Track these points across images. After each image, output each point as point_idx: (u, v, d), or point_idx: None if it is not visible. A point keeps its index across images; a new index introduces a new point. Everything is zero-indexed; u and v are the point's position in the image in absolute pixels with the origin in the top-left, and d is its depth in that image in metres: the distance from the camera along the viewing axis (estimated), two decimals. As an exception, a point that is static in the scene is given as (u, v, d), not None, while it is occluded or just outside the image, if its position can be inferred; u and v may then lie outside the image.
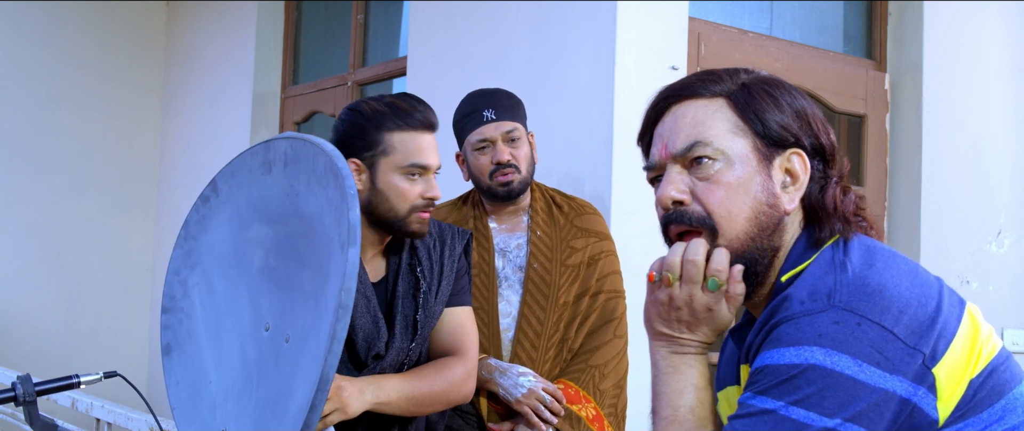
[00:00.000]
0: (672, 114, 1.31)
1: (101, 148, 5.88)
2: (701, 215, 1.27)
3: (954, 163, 4.20)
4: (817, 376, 1.11)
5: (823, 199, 1.29)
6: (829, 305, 1.15)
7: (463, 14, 3.98)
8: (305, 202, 1.62)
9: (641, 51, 3.35)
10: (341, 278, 1.44)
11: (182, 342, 1.81)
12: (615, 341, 2.58)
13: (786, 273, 1.26)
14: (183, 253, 1.84)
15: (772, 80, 1.32)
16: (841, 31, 4.32)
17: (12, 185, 5.62)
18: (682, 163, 1.29)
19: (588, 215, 2.67)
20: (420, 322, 2.10)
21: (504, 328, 2.55)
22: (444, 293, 2.16)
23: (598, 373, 2.54)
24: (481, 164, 2.56)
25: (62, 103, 5.75)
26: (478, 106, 2.57)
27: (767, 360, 1.16)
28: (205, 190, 1.83)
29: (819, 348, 1.12)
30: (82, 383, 1.59)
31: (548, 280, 2.55)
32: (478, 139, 2.55)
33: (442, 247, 2.18)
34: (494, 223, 2.63)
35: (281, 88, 5.44)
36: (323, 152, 1.58)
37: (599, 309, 2.59)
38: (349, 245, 1.45)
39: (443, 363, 2.12)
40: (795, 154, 1.28)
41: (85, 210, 5.81)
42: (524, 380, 2.43)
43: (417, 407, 2.03)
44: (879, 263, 1.21)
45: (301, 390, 1.47)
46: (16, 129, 5.64)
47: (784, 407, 1.12)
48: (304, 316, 1.56)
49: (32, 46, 5.69)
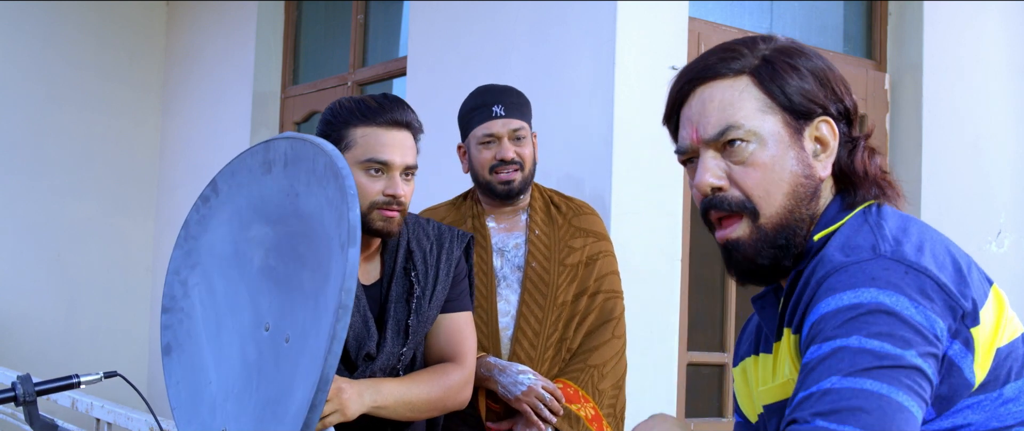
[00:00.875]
0: (698, 97, 1.30)
1: (101, 148, 5.88)
2: (740, 200, 1.27)
3: (954, 163, 4.20)
4: (882, 312, 1.10)
5: (853, 163, 1.30)
6: (875, 255, 1.15)
7: (463, 14, 3.98)
8: (305, 202, 1.62)
9: (641, 51, 3.35)
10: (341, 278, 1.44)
11: (182, 342, 1.81)
12: (614, 341, 2.58)
13: (819, 233, 1.27)
14: (183, 253, 1.84)
15: (791, 49, 1.32)
16: (841, 31, 4.32)
17: (12, 185, 5.62)
18: (715, 147, 1.28)
19: (586, 215, 2.68)
20: (412, 327, 2.10)
21: (503, 327, 2.54)
22: (439, 298, 2.15)
23: (597, 373, 2.54)
24: (483, 158, 2.55)
25: (62, 103, 5.75)
26: (488, 101, 2.57)
27: (825, 308, 1.14)
28: (205, 190, 1.83)
29: (877, 289, 1.11)
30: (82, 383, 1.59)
31: (546, 279, 2.55)
32: (484, 133, 2.55)
33: (439, 251, 2.17)
34: (492, 222, 2.62)
35: (281, 88, 5.44)
36: (323, 152, 1.58)
37: (598, 309, 2.58)
38: (349, 245, 1.45)
39: (441, 369, 2.12)
40: (823, 122, 1.29)
41: (85, 210, 5.81)
42: (523, 378, 2.43)
43: (413, 413, 2.04)
44: (913, 230, 1.23)
45: (301, 390, 1.47)
46: (16, 129, 5.64)
47: (859, 340, 1.09)
48: (304, 316, 1.56)
49: (32, 46, 5.69)
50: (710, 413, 3.84)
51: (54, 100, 5.73)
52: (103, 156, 5.88)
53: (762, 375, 1.37)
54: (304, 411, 1.43)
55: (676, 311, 3.47)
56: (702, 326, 3.82)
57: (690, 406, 3.73)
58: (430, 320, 2.14)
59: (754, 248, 1.27)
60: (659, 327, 3.40)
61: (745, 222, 1.27)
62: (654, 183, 3.39)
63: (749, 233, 1.27)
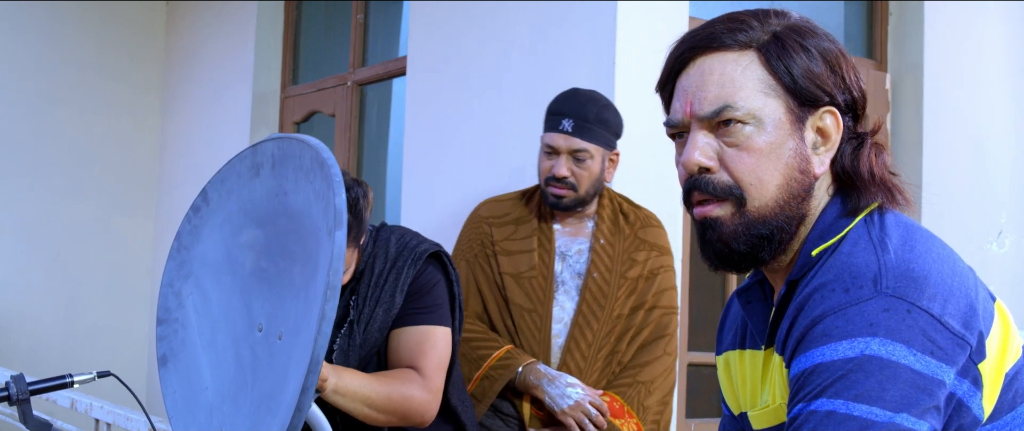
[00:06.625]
0: (697, 67, 1.21)
1: (101, 148, 5.87)
2: (727, 184, 1.18)
3: (954, 163, 4.20)
4: (875, 367, 1.03)
5: (857, 163, 1.19)
6: (876, 292, 1.07)
7: (463, 14, 3.97)
8: (293, 199, 1.62)
9: (641, 51, 3.35)
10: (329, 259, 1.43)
11: (177, 352, 1.80)
12: (664, 358, 2.56)
13: (816, 246, 1.17)
14: (176, 265, 1.83)
15: (804, 27, 1.23)
16: (841, 31, 4.32)
17: (12, 185, 5.62)
18: (708, 126, 1.19)
19: (653, 228, 2.65)
20: (334, 353, 2.09)
21: (555, 334, 2.52)
22: (381, 319, 2.10)
23: (644, 389, 2.52)
24: (543, 167, 2.59)
25: (62, 103, 5.75)
26: (563, 111, 2.55)
27: (818, 358, 1.07)
28: (196, 200, 1.82)
29: (873, 338, 1.04)
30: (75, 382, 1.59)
31: (606, 291, 2.53)
32: (547, 143, 2.56)
33: (390, 271, 2.13)
34: (557, 225, 2.61)
35: (281, 88, 5.43)
36: (309, 147, 1.57)
37: (653, 324, 2.56)
38: (335, 228, 1.43)
39: (405, 374, 2.06)
40: (828, 112, 1.19)
41: (85, 210, 5.81)
42: (572, 391, 2.42)
43: (368, 409, 1.98)
44: (919, 245, 1.13)
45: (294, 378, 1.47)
46: (15, 129, 5.63)
47: (845, 405, 1.03)
48: (295, 310, 1.55)
49: (32, 46, 5.69)
50: (710, 413, 3.83)
51: (54, 100, 5.73)
52: (103, 156, 5.88)
53: (750, 377, 1.31)
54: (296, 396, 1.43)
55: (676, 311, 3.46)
56: (702, 326, 3.81)
57: (690, 406, 3.72)
58: (370, 344, 2.11)
59: (732, 232, 1.18)
60: (659, 327, 3.40)
61: (728, 205, 1.18)
62: (654, 183, 3.38)
63: (730, 216, 1.18)
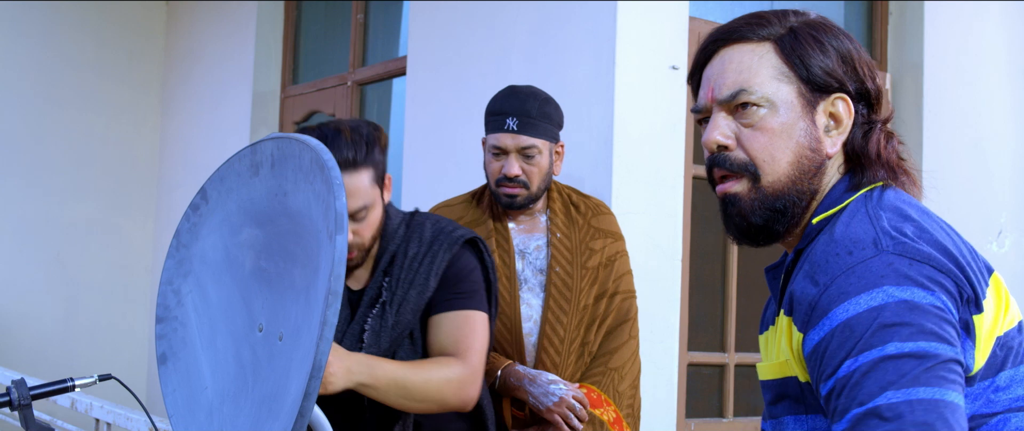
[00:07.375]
0: (720, 58, 1.33)
1: (101, 148, 5.87)
2: (743, 161, 1.30)
3: (954, 163, 4.20)
4: (904, 308, 1.10)
5: (866, 145, 1.31)
6: (878, 251, 1.15)
7: (463, 14, 3.97)
8: (293, 199, 1.61)
9: (641, 51, 3.35)
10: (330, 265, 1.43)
11: (177, 351, 1.80)
12: (630, 342, 2.57)
13: (819, 215, 1.28)
14: (175, 263, 1.82)
15: (820, 24, 1.34)
16: (841, 31, 4.32)
17: (12, 185, 5.62)
18: (727, 109, 1.31)
19: (603, 215, 2.65)
20: (367, 332, 2.07)
21: (526, 332, 2.52)
22: (414, 302, 2.09)
23: (617, 375, 2.53)
24: (492, 168, 2.53)
25: (62, 103, 5.75)
26: (506, 110, 2.51)
27: (842, 315, 1.12)
28: (195, 198, 1.81)
29: (889, 286, 1.12)
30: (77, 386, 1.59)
31: (570, 284, 2.52)
32: (493, 144, 2.52)
33: (425, 255, 2.12)
34: (512, 223, 2.59)
35: (281, 88, 5.43)
36: (309, 147, 1.57)
37: (615, 310, 2.57)
38: (337, 232, 1.44)
39: (442, 361, 2.05)
40: (839, 99, 1.30)
41: (85, 210, 5.81)
42: (554, 388, 2.41)
43: (406, 398, 1.95)
44: (914, 215, 1.23)
45: (296, 382, 1.47)
46: (15, 129, 5.63)
47: (897, 346, 1.08)
48: (296, 312, 1.55)
49: (32, 46, 5.68)
50: (710, 413, 3.83)
51: (54, 100, 5.73)
52: (103, 156, 5.88)
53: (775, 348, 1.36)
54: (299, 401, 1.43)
55: (676, 311, 3.46)
56: (702, 326, 3.81)
57: (690, 406, 3.73)
58: (402, 326, 2.09)
59: (750, 206, 1.30)
60: (659, 327, 3.40)
61: (745, 181, 1.30)
62: (654, 183, 3.38)
63: (747, 191, 1.30)
